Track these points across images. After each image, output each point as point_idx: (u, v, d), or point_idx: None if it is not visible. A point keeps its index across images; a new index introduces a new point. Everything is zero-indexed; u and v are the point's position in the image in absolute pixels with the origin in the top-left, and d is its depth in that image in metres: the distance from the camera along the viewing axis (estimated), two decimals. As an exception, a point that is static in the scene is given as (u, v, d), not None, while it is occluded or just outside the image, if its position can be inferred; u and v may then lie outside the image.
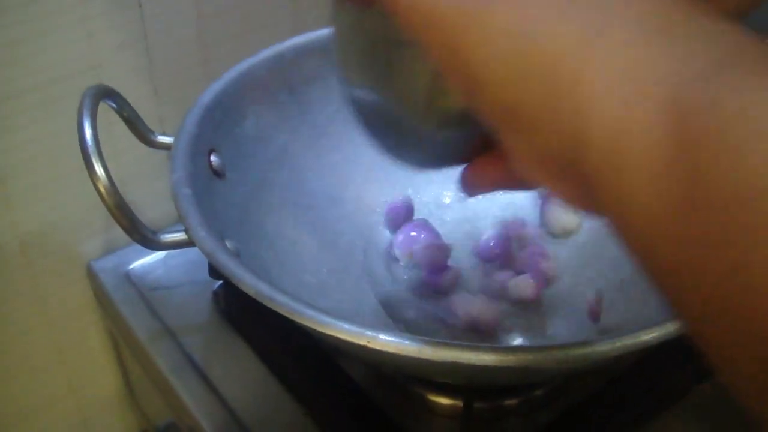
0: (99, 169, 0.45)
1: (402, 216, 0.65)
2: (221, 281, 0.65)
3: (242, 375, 0.59)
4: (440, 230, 0.64)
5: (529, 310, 0.59)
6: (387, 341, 0.40)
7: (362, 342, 0.40)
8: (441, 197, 0.69)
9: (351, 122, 0.66)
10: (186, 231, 0.47)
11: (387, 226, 0.65)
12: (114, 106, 0.53)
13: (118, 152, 0.65)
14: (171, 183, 0.50)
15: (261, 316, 0.61)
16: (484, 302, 0.57)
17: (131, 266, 0.69)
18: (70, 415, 0.79)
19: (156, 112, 0.68)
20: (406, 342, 0.40)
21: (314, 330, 0.41)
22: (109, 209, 0.46)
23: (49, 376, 0.75)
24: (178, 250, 0.68)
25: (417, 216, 0.66)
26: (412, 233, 0.62)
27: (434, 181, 0.69)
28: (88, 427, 0.81)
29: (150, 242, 0.48)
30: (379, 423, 0.55)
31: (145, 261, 0.70)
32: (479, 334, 0.57)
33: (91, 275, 0.71)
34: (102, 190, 0.45)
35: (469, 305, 0.57)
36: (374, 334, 0.40)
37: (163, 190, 0.72)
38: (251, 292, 0.43)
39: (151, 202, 0.70)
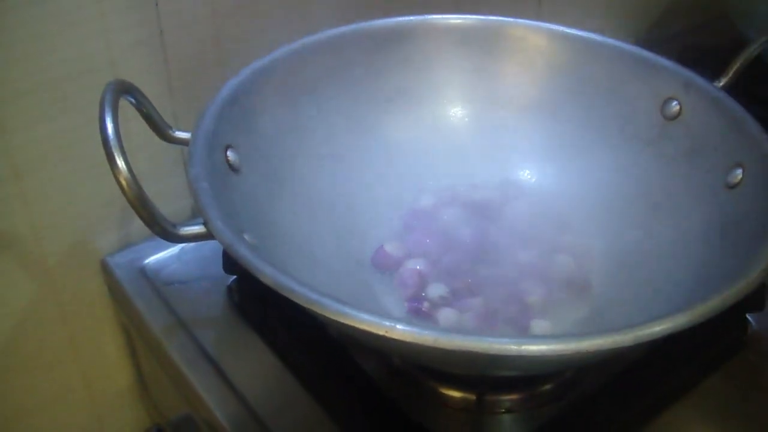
0: (121, 163, 0.46)
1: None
2: (235, 276, 0.66)
3: (256, 368, 0.60)
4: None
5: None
6: (405, 331, 0.41)
7: (381, 332, 0.41)
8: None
9: (364, 120, 0.68)
10: (205, 224, 0.48)
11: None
12: (133, 101, 0.54)
13: (131, 150, 0.66)
14: (189, 177, 0.51)
15: (275, 310, 0.62)
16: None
17: (146, 261, 0.70)
18: (84, 408, 0.79)
19: (170, 109, 0.69)
20: (424, 332, 0.41)
21: (333, 320, 0.42)
22: (130, 202, 0.46)
23: (62, 370, 0.76)
24: (193, 246, 0.70)
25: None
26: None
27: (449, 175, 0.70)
28: (101, 421, 0.81)
29: (170, 235, 0.49)
30: (392, 415, 0.56)
31: (160, 256, 0.70)
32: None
33: (106, 270, 0.71)
34: (124, 183, 0.46)
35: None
36: (392, 324, 0.41)
37: (174, 187, 0.73)
38: (270, 283, 0.43)
39: (163, 199, 0.71)
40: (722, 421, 0.58)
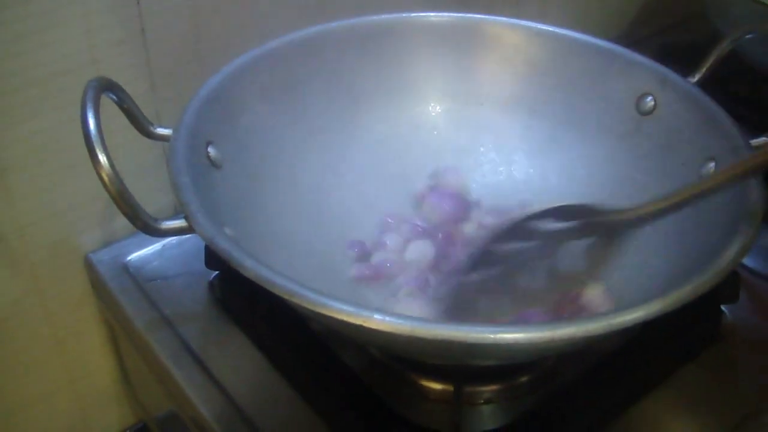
0: (102, 158, 0.47)
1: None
2: (217, 272, 0.67)
3: (240, 363, 0.61)
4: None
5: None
6: (382, 321, 0.41)
7: (358, 322, 0.42)
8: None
9: (345, 117, 0.68)
10: (186, 218, 0.49)
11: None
12: (115, 98, 0.54)
13: (113, 148, 0.67)
14: (171, 172, 0.51)
15: (256, 304, 0.63)
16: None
17: (129, 258, 0.71)
18: (68, 406, 0.80)
19: (153, 107, 0.69)
20: (400, 321, 0.41)
21: (312, 311, 0.42)
22: (112, 197, 0.47)
23: (46, 368, 0.76)
24: (175, 242, 0.71)
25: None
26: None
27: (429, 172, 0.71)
28: (85, 419, 0.82)
29: (152, 229, 0.49)
30: (374, 407, 0.56)
31: (143, 253, 0.71)
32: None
33: (89, 267, 0.72)
34: (105, 178, 0.47)
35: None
36: (370, 314, 0.42)
37: (156, 185, 0.73)
38: (251, 275, 0.44)
39: (145, 197, 0.71)
40: (697, 411, 0.59)
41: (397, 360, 0.59)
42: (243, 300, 0.64)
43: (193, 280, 0.68)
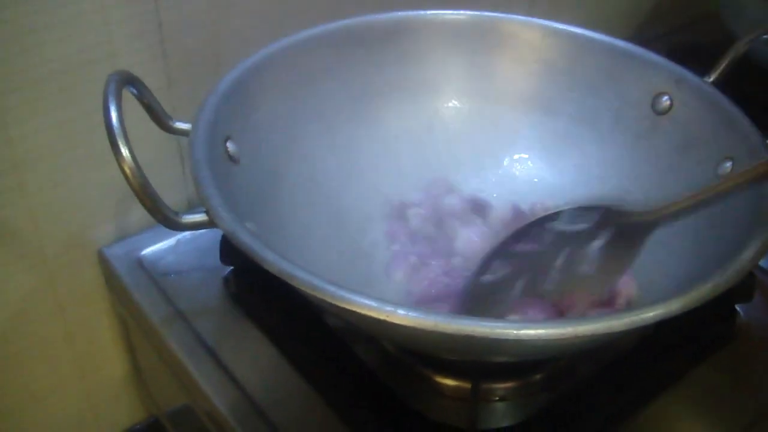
0: (125, 151, 0.47)
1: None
2: (232, 267, 0.67)
3: (254, 357, 0.61)
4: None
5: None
6: (406, 315, 0.41)
7: (382, 316, 0.42)
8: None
9: (360, 113, 0.69)
10: (207, 212, 0.49)
11: None
12: (135, 92, 0.54)
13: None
14: (191, 166, 0.51)
15: (271, 300, 0.63)
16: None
17: (143, 252, 0.71)
18: (79, 400, 0.80)
19: (169, 101, 0.69)
20: (424, 316, 0.42)
21: (336, 306, 0.43)
22: (134, 190, 0.47)
23: (58, 362, 0.76)
24: (189, 237, 0.71)
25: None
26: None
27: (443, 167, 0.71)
28: (96, 413, 0.82)
29: (172, 223, 0.49)
30: (389, 403, 0.56)
31: (157, 247, 0.71)
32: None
33: (103, 261, 0.72)
34: (128, 171, 0.47)
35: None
36: (393, 309, 0.42)
37: (170, 180, 0.73)
38: (275, 270, 0.44)
39: (159, 192, 0.72)
40: (711, 410, 0.59)
41: (413, 356, 0.59)
42: (257, 295, 0.65)
43: (208, 275, 0.68)
